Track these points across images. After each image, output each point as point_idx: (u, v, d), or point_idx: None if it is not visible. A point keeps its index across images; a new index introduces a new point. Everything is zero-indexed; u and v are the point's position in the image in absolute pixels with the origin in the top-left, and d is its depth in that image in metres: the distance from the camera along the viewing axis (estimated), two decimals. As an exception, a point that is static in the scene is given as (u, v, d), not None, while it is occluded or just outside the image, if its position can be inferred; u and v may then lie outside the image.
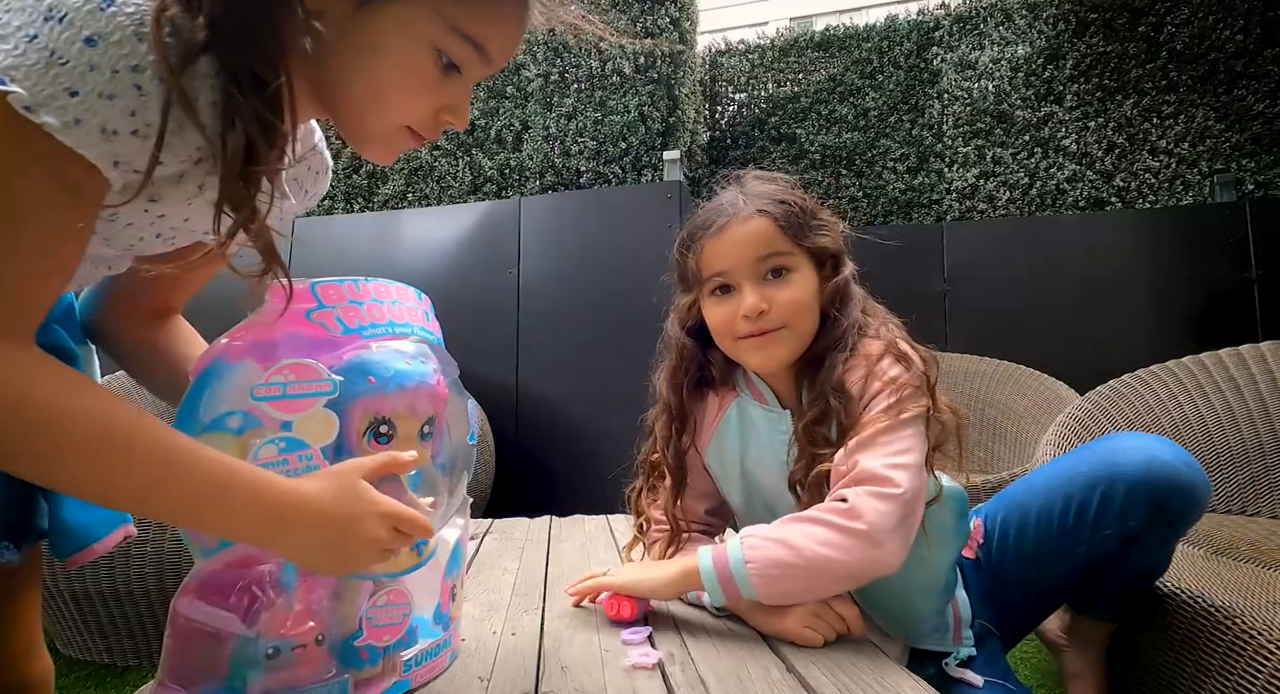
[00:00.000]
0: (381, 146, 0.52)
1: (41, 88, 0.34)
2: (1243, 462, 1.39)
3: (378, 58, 0.46)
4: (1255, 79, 2.75)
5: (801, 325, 0.76)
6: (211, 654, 0.44)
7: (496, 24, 0.47)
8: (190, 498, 0.40)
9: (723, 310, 0.78)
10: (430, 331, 0.57)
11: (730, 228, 0.77)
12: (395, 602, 0.51)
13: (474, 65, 0.49)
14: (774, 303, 0.75)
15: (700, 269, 0.79)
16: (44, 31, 0.34)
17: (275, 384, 0.45)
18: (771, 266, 0.76)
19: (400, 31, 0.45)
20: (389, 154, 0.52)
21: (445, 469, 0.58)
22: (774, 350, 0.77)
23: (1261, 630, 0.74)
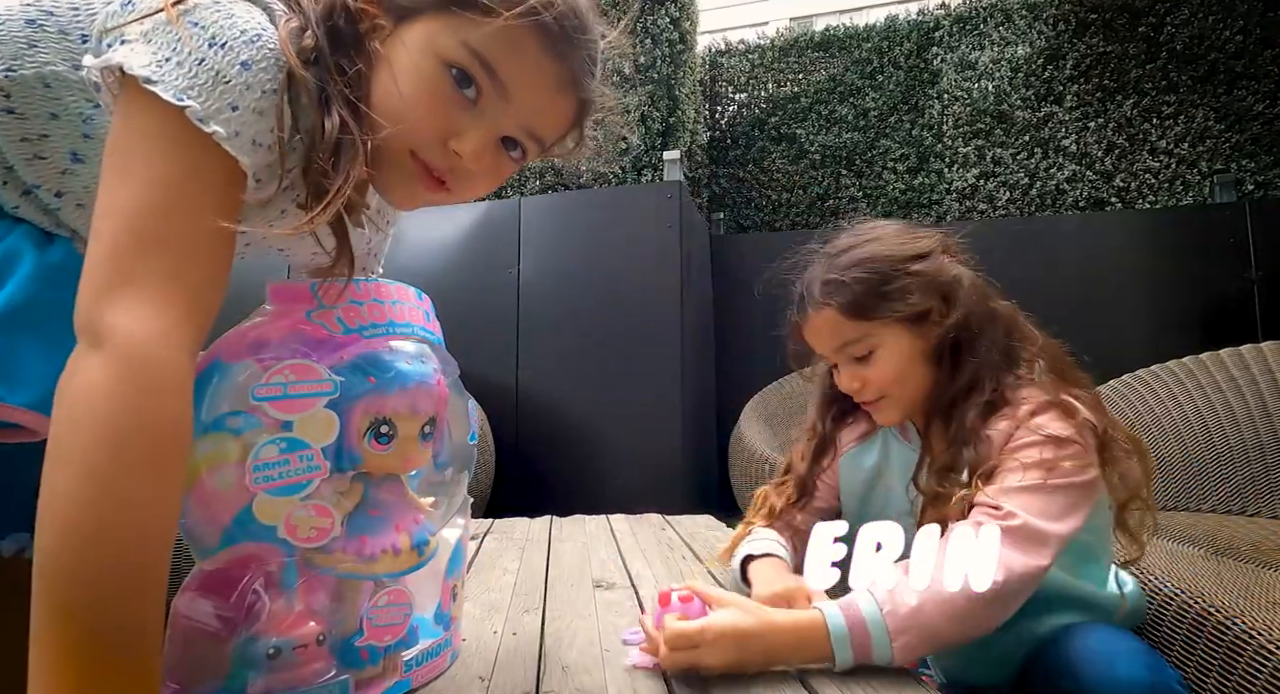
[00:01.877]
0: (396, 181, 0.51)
1: (210, 102, 0.39)
2: (1243, 462, 1.39)
3: (395, 70, 0.48)
4: (1255, 79, 2.75)
5: (901, 392, 0.76)
6: (212, 654, 0.44)
7: (510, 50, 0.47)
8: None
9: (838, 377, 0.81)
10: (431, 332, 0.58)
11: (809, 319, 0.79)
12: (396, 602, 0.50)
13: (489, 94, 0.48)
14: (865, 381, 0.76)
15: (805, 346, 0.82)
16: (209, 56, 0.39)
17: (275, 384, 0.45)
18: (851, 355, 0.77)
19: (420, 45, 0.47)
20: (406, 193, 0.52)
21: (446, 469, 0.58)
22: (885, 414, 0.78)
23: (1262, 630, 0.74)
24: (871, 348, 0.75)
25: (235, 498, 0.44)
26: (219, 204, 0.40)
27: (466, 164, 0.50)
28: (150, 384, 0.36)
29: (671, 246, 2.25)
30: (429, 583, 0.56)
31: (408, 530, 0.52)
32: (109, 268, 0.37)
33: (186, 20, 0.39)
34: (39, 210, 0.48)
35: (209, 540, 0.46)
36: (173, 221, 0.39)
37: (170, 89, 0.38)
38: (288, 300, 0.49)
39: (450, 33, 0.46)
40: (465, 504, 0.61)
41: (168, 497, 0.37)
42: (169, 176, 0.39)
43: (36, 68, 0.45)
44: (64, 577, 0.34)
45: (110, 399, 0.35)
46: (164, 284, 0.38)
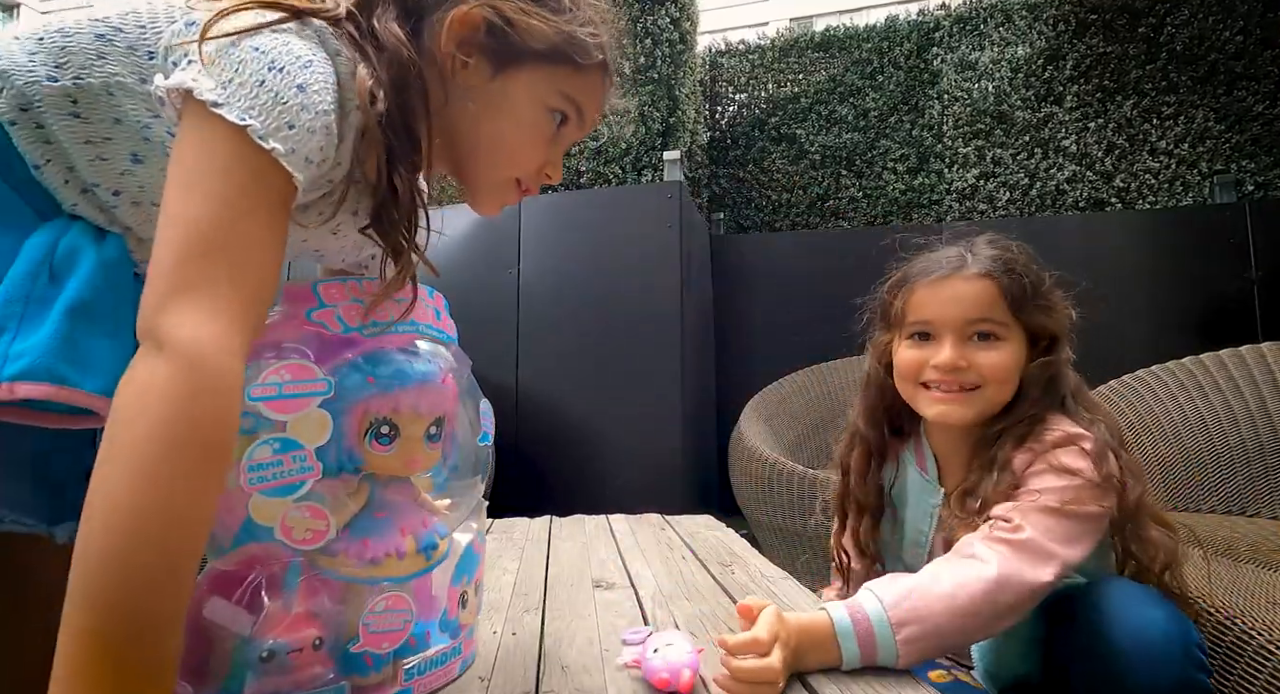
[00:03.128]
0: (492, 197, 0.60)
1: (270, 121, 0.42)
2: (1242, 462, 1.39)
3: (508, 116, 0.55)
4: (1255, 80, 2.75)
5: (998, 393, 0.74)
6: (216, 653, 0.44)
7: (592, 90, 0.57)
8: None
9: (914, 355, 0.77)
10: (441, 330, 0.57)
11: (951, 281, 0.76)
12: (395, 608, 0.49)
13: (573, 127, 0.58)
14: (974, 364, 0.73)
15: (905, 312, 0.78)
16: (269, 78, 0.42)
17: (271, 384, 0.44)
18: (980, 330, 0.75)
19: (527, 94, 0.55)
20: (496, 206, 0.60)
21: (457, 471, 0.57)
22: (958, 409, 0.74)
23: (1261, 631, 0.74)
24: (1001, 336, 0.74)
25: (243, 498, 0.44)
26: (273, 216, 0.43)
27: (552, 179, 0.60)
28: (206, 388, 0.37)
29: (671, 246, 2.25)
30: (432, 589, 0.55)
31: (414, 533, 0.51)
32: (173, 275, 0.39)
33: (248, 44, 0.43)
34: (95, 208, 0.50)
35: (222, 539, 0.46)
36: (233, 232, 0.41)
37: (235, 110, 0.41)
38: (295, 301, 0.49)
39: (551, 84, 0.55)
40: (479, 508, 0.60)
41: (210, 499, 0.38)
42: (230, 190, 0.41)
43: (104, 78, 0.48)
44: (102, 570, 0.35)
45: (167, 401, 0.36)
46: (223, 291, 0.40)
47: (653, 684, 0.53)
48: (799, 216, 3.44)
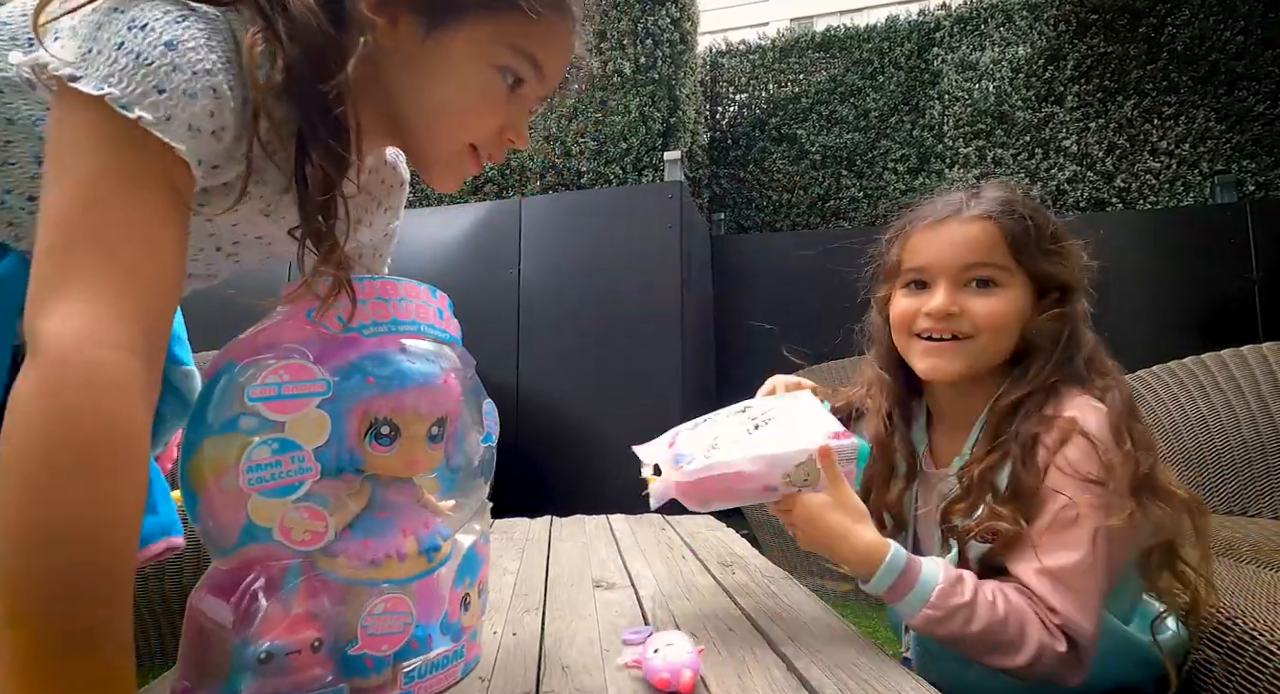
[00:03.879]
0: (448, 170, 0.54)
1: (133, 87, 0.37)
2: (1243, 462, 1.39)
3: (448, 79, 0.49)
4: (1256, 80, 2.75)
5: (993, 343, 0.70)
6: (217, 654, 0.44)
7: (551, 41, 0.51)
8: None
9: (909, 303, 0.73)
10: (444, 330, 0.57)
11: (947, 224, 0.72)
12: (394, 610, 0.49)
13: (533, 83, 0.52)
14: (967, 310, 0.69)
15: (901, 259, 0.75)
16: (129, 38, 0.37)
17: (270, 384, 0.44)
18: (977, 276, 0.70)
19: (469, 53, 0.48)
20: (454, 179, 0.55)
21: (460, 472, 0.57)
22: (946, 361, 0.71)
23: (1263, 631, 0.74)
24: (1000, 281, 0.70)
25: (243, 498, 0.44)
26: (157, 195, 0.39)
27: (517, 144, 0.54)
28: (72, 383, 0.35)
29: (671, 246, 2.25)
30: (431, 591, 0.55)
31: (415, 535, 0.51)
32: (43, 276, 0.36)
33: (106, 5, 0.38)
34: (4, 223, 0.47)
35: (225, 540, 0.45)
36: (103, 219, 0.37)
37: (91, 80, 0.36)
38: (295, 301, 0.49)
39: (498, 38, 0.48)
40: (483, 509, 0.60)
41: (111, 497, 0.36)
42: (96, 171, 0.37)
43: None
44: (13, 586, 0.33)
45: (37, 403, 0.35)
46: (93, 283, 0.36)
47: (653, 684, 0.53)
48: (799, 217, 3.44)
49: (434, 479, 0.57)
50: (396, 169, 0.70)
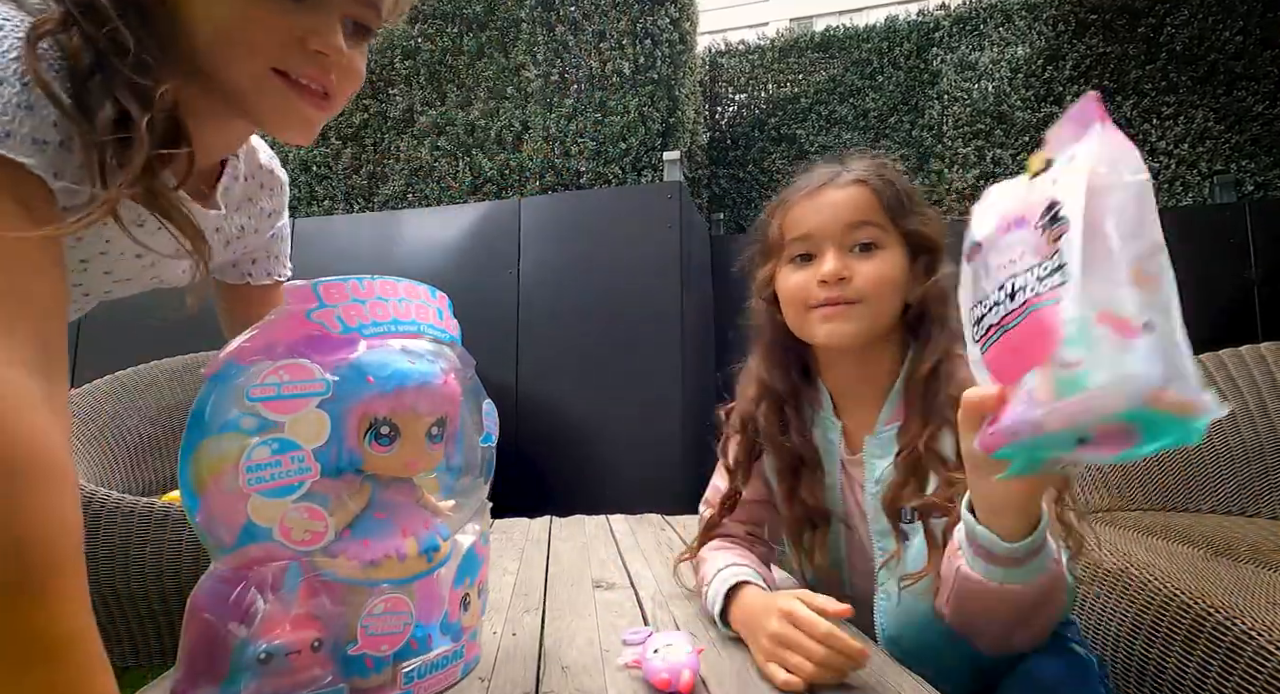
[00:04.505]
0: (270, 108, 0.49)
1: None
2: (1242, 462, 1.39)
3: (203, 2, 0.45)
4: (1255, 80, 2.75)
5: (881, 304, 0.70)
6: (217, 655, 0.44)
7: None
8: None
9: (799, 276, 0.73)
10: (444, 330, 0.57)
11: (825, 191, 0.73)
12: (394, 610, 0.49)
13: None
14: (856, 273, 0.70)
15: (784, 232, 0.74)
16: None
17: (270, 384, 0.44)
18: (861, 239, 0.71)
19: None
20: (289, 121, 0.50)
21: (460, 472, 0.57)
22: (844, 324, 0.70)
23: (1262, 631, 0.74)
24: (881, 243, 0.71)
25: (243, 499, 0.44)
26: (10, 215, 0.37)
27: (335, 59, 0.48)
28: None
29: (671, 247, 2.25)
30: (431, 591, 0.54)
31: (415, 535, 0.51)
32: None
33: None
34: None
35: (225, 540, 0.45)
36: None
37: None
38: (295, 301, 0.49)
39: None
40: (483, 509, 0.60)
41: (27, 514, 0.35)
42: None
43: None
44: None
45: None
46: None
47: (653, 684, 0.53)
48: (799, 217, 3.44)
49: (434, 479, 0.57)
50: (274, 172, 0.71)
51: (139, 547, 1.31)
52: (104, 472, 1.70)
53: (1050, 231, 0.41)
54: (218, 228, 0.64)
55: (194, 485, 0.44)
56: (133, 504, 1.32)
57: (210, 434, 0.44)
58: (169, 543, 1.32)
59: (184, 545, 1.33)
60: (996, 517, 0.51)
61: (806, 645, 0.55)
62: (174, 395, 1.92)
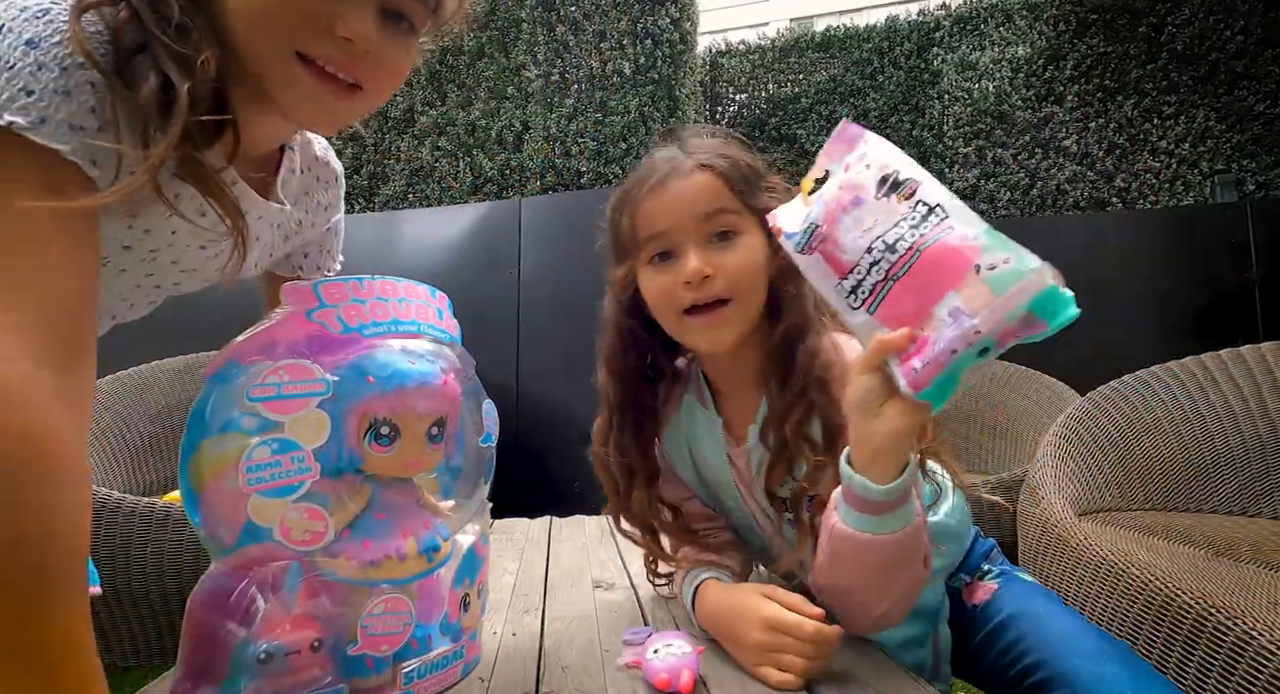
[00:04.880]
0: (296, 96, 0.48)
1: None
2: (1243, 462, 1.39)
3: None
4: (1256, 79, 2.75)
5: (750, 298, 0.67)
6: (217, 655, 0.44)
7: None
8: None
9: (662, 279, 0.68)
10: (443, 330, 0.57)
11: (670, 182, 0.67)
12: (394, 610, 0.49)
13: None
14: (720, 268, 0.65)
15: (636, 231, 0.69)
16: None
17: (270, 384, 0.44)
18: (717, 229, 0.67)
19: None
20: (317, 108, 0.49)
21: (460, 473, 0.57)
22: (721, 331, 0.67)
23: (1263, 631, 0.74)
24: (739, 230, 0.67)
25: (243, 499, 0.44)
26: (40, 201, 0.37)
27: (362, 47, 0.46)
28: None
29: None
30: (431, 592, 0.54)
31: (415, 535, 0.51)
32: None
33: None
34: None
35: (225, 540, 0.45)
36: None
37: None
38: (295, 301, 0.49)
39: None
40: (483, 509, 0.60)
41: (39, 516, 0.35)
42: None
43: None
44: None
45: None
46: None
47: (653, 684, 0.53)
48: (799, 217, 3.43)
49: (434, 479, 0.57)
50: (329, 164, 0.70)
51: (139, 547, 1.32)
52: (105, 471, 1.70)
53: (900, 192, 0.48)
54: (278, 224, 0.63)
55: (194, 485, 0.44)
56: (133, 504, 1.32)
57: (210, 434, 0.44)
58: (169, 543, 1.33)
59: (184, 545, 1.33)
60: (875, 463, 0.52)
61: (797, 648, 0.55)
62: (174, 395, 1.92)
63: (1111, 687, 0.60)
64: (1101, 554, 0.98)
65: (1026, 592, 0.76)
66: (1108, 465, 1.38)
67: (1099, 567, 0.98)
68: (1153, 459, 1.42)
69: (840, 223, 0.50)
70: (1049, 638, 0.67)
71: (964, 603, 0.77)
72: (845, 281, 0.50)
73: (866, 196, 0.49)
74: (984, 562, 0.80)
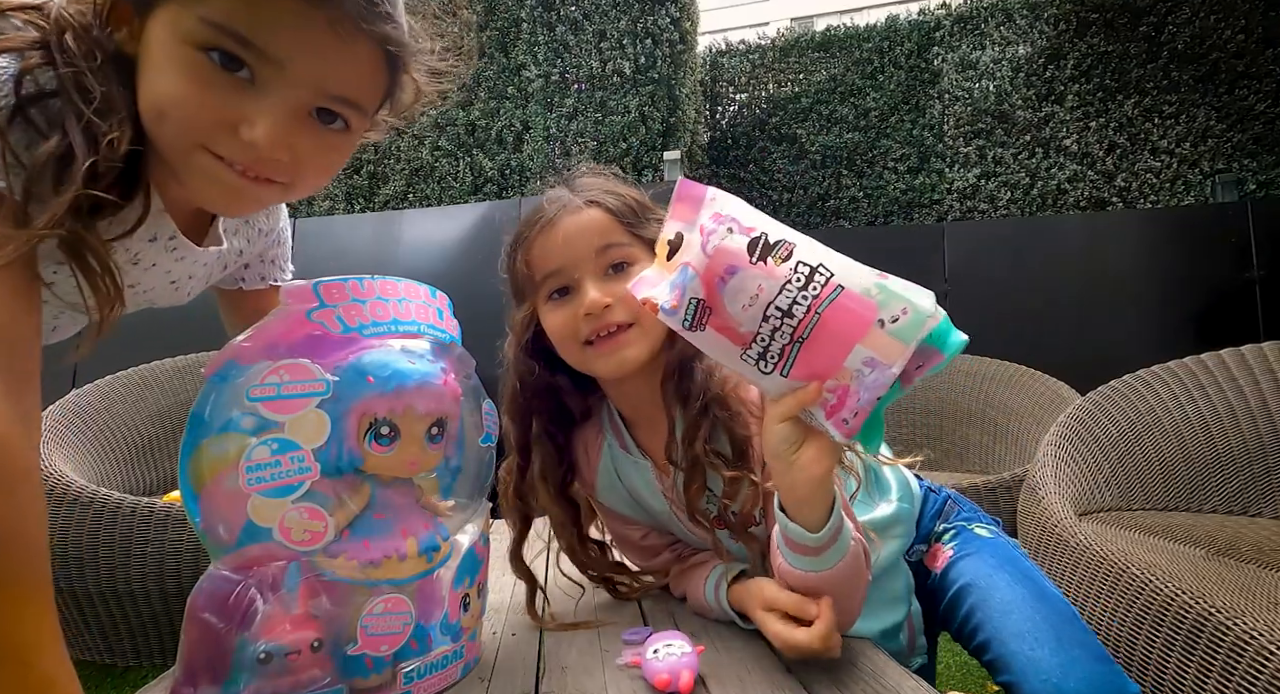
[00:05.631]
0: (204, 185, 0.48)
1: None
2: (1244, 462, 1.39)
3: (155, 68, 0.45)
4: (1256, 79, 2.75)
5: (650, 320, 0.66)
6: (217, 655, 0.44)
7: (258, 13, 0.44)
8: None
9: (562, 313, 0.68)
10: (443, 330, 0.57)
11: (561, 220, 0.69)
12: (394, 610, 0.49)
13: (263, 66, 0.45)
14: (618, 297, 0.66)
15: (532, 270, 0.70)
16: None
17: (270, 384, 0.44)
18: (612, 260, 0.68)
19: (165, 36, 0.44)
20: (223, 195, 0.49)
21: (461, 472, 0.57)
22: (625, 352, 0.67)
23: (1263, 631, 0.74)
24: (632, 260, 0.68)
25: (243, 499, 0.44)
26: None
27: (267, 152, 0.46)
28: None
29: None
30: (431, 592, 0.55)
31: (415, 535, 0.51)
32: None
33: None
34: None
35: (225, 540, 0.45)
36: None
37: None
38: (295, 301, 0.49)
39: (187, 13, 0.43)
40: (483, 510, 0.60)
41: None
42: None
43: None
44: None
45: None
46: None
47: (652, 684, 0.53)
48: (799, 216, 3.44)
49: (434, 479, 0.57)
50: None
51: (139, 546, 1.32)
52: (104, 472, 1.70)
53: (775, 255, 0.48)
54: (217, 255, 0.65)
55: (194, 485, 0.44)
56: (133, 504, 1.32)
57: (210, 434, 0.44)
58: (169, 543, 1.33)
59: (184, 545, 1.33)
60: (804, 508, 0.55)
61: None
62: (174, 395, 1.92)
63: (1041, 673, 0.62)
64: (1101, 554, 0.98)
65: (980, 555, 0.77)
66: (1108, 465, 1.38)
67: (1099, 567, 0.98)
68: (1153, 459, 1.41)
69: (723, 294, 0.49)
70: (993, 614, 0.70)
71: (927, 569, 0.80)
72: (750, 351, 0.50)
73: (741, 263, 0.48)
74: (938, 521, 0.82)
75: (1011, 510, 1.38)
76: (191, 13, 0.43)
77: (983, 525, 0.82)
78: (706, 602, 0.70)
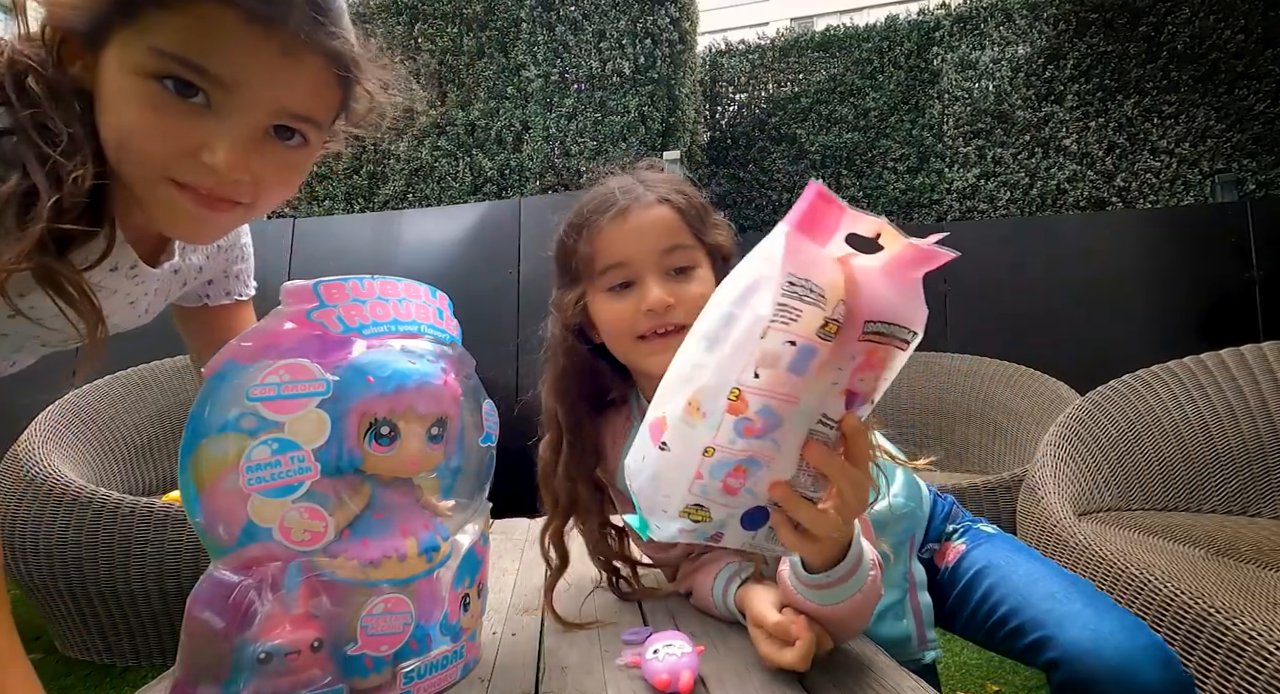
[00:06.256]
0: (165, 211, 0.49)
1: None
2: (1243, 462, 1.39)
3: (112, 98, 0.46)
4: (1256, 79, 2.75)
5: None
6: (216, 655, 0.44)
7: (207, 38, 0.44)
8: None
9: (620, 307, 0.69)
10: (443, 330, 0.57)
11: (632, 213, 0.69)
12: (394, 610, 0.49)
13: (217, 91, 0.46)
14: (680, 299, 0.67)
15: (595, 258, 0.70)
16: None
17: (270, 384, 0.44)
18: (677, 264, 0.69)
19: (119, 67, 0.45)
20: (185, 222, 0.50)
21: (461, 472, 0.57)
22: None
23: (1262, 631, 0.74)
24: (694, 263, 0.69)
25: (244, 499, 0.44)
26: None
27: (228, 175, 0.47)
28: None
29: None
30: (431, 592, 0.54)
31: (415, 535, 0.51)
32: None
33: None
34: None
35: (225, 540, 0.45)
36: None
37: None
38: (295, 301, 0.49)
39: (138, 44, 0.44)
40: (483, 510, 0.60)
41: None
42: None
43: None
44: None
45: None
46: None
47: (652, 684, 0.53)
48: (799, 216, 3.44)
49: (434, 479, 0.57)
50: None
51: (139, 546, 1.31)
52: (103, 472, 1.70)
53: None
54: (175, 269, 0.65)
55: (194, 485, 0.44)
56: (133, 504, 1.32)
57: (210, 434, 0.44)
58: (169, 543, 1.32)
59: (184, 545, 1.33)
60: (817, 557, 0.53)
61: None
62: (174, 395, 1.92)
63: (1077, 622, 0.62)
64: (1101, 554, 0.98)
65: (993, 543, 0.79)
66: (1107, 465, 1.38)
67: (1098, 567, 0.98)
68: (1152, 459, 1.42)
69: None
70: (1018, 585, 0.70)
71: (937, 566, 0.80)
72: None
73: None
74: (946, 523, 0.83)
75: (1011, 510, 1.38)
76: (141, 43, 0.44)
77: (987, 525, 0.84)
78: (713, 600, 0.70)
